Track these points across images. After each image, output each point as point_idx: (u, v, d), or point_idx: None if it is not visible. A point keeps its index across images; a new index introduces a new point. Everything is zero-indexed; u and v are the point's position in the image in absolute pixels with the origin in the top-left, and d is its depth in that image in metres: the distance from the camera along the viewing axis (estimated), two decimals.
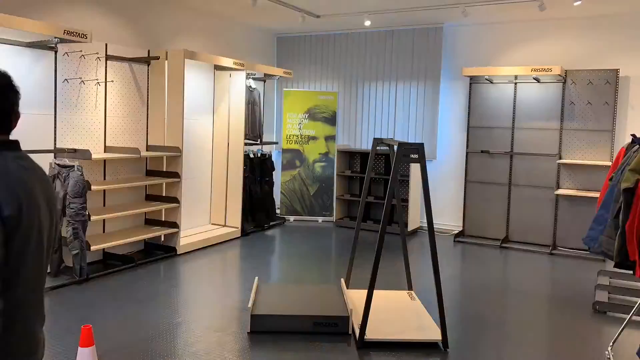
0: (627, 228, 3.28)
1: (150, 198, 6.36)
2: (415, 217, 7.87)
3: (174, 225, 6.20)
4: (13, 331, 1.44)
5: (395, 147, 3.89)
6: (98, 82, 5.60)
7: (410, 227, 7.67)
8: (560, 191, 6.92)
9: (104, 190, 5.76)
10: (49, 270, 4.62)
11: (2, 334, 1.39)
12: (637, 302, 4.90)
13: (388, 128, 8.36)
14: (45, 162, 4.87)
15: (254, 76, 7.74)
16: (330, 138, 8.52)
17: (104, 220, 5.72)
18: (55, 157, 4.99)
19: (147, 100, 6.25)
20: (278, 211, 8.48)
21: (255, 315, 4.07)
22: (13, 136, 1.50)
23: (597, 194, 6.71)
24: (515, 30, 7.48)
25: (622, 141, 6.89)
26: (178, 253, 6.23)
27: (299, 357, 3.66)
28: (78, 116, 5.45)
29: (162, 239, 6.32)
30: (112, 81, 5.77)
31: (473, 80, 7.49)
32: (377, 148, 4.91)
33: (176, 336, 3.95)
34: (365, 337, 3.86)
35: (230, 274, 5.72)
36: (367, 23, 7.62)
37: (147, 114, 6.26)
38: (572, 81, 6.95)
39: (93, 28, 5.70)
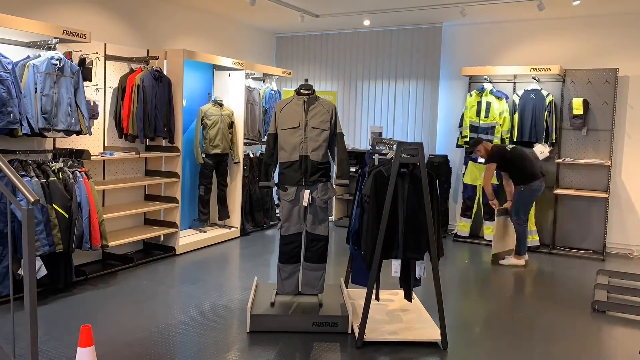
0: None
1: (150, 198, 6.36)
2: None
3: (173, 225, 6.20)
4: None
5: (394, 147, 3.89)
6: (97, 84, 5.60)
7: None
8: (559, 191, 6.92)
9: (103, 190, 5.76)
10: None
11: None
12: (636, 302, 4.91)
13: (387, 127, 8.37)
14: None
15: (253, 76, 7.73)
16: None
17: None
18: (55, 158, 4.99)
19: None
20: (277, 211, 8.47)
21: (254, 315, 4.07)
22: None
23: (596, 194, 6.73)
24: (514, 29, 7.48)
25: (621, 141, 6.90)
26: (177, 253, 6.23)
27: (299, 357, 3.67)
28: None
29: (162, 239, 6.32)
30: (111, 87, 5.77)
31: (472, 79, 7.49)
32: (377, 147, 4.91)
33: (175, 336, 3.95)
34: (364, 337, 3.86)
35: (229, 273, 5.72)
36: (367, 22, 7.62)
37: None
38: (571, 80, 6.96)
39: (92, 28, 5.69)
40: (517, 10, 6.83)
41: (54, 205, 4.56)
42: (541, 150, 6.93)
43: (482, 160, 7.21)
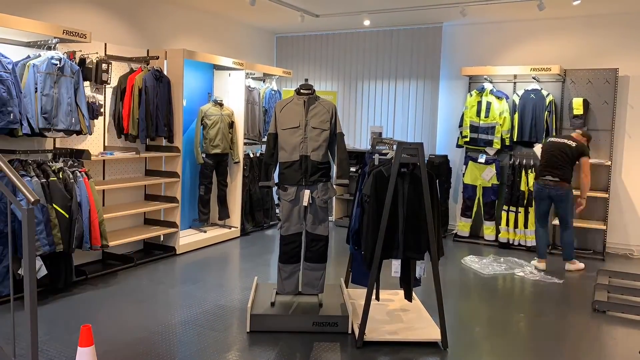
0: None
1: (150, 198, 6.37)
2: None
3: (173, 225, 6.20)
4: None
5: (395, 147, 3.89)
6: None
7: None
8: None
9: (104, 190, 5.76)
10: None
11: None
12: (636, 301, 4.92)
13: (387, 127, 8.37)
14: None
15: (253, 76, 7.73)
16: None
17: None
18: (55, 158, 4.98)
19: None
20: (277, 211, 8.47)
21: (254, 315, 4.07)
22: None
23: (596, 194, 6.73)
24: (514, 29, 7.48)
25: (621, 141, 6.90)
26: (177, 253, 6.23)
27: (299, 357, 3.67)
28: None
29: (162, 239, 6.32)
30: (111, 87, 5.76)
31: (472, 79, 7.49)
32: (377, 147, 4.91)
33: (175, 336, 3.95)
34: (365, 337, 3.86)
35: (229, 273, 5.72)
36: (367, 22, 7.62)
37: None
38: (571, 80, 6.96)
39: (92, 28, 5.70)
40: (517, 10, 6.83)
41: (54, 205, 4.56)
42: (541, 150, 6.93)
43: (482, 160, 7.22)
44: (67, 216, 4.65)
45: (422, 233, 3.85)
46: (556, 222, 6.89)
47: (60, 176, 4.69)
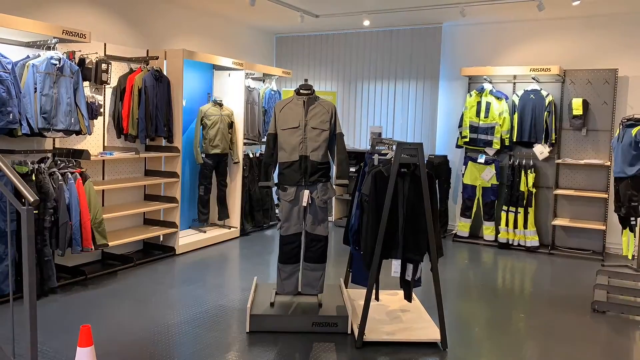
0: None
1: (149, 198, 6.36)
2: None
3: (173, 225, 6.20)
4: None
5: (394, 147, 3.89)
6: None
7: None
8: (559, 191, 6.92)
9: (103, 190, 5.75)
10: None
11: None
12: (636, 302, 4.91)
13: (387, 127, 8.37)
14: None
15: (252, 76, 7.73)
16: None
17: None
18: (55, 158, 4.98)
19: None
20: (277, 211, 8.47)
21: (254, 315, 4.07)
22: None
23: (595, 194, 6.73)
24: (514, 30, 7.48)
25: None
26: (177, 253, 6.23)
27: (299, 357, 3.67)
28: None
29: (161, 239, 6.31)
30: (111, 87, 5.75)
31: (472, 80, 7.49)
32: (377, 147, 4.91)
33: (175, 336, 3.95)
34: (364, 337, 3.86)
35: (229, 273, 5.72)
36: (366, 23, 7.62)
37: None
38: (570, 81, 6.96)
39: (92, 28, 5.69)
40: (517, 10, 6.83)
41: None
42: (541, 150, 6.94)
43: (481, 160, 7.22)
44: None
45: (421, 233, 3.85)
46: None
47: (33, 178, 4.50)
